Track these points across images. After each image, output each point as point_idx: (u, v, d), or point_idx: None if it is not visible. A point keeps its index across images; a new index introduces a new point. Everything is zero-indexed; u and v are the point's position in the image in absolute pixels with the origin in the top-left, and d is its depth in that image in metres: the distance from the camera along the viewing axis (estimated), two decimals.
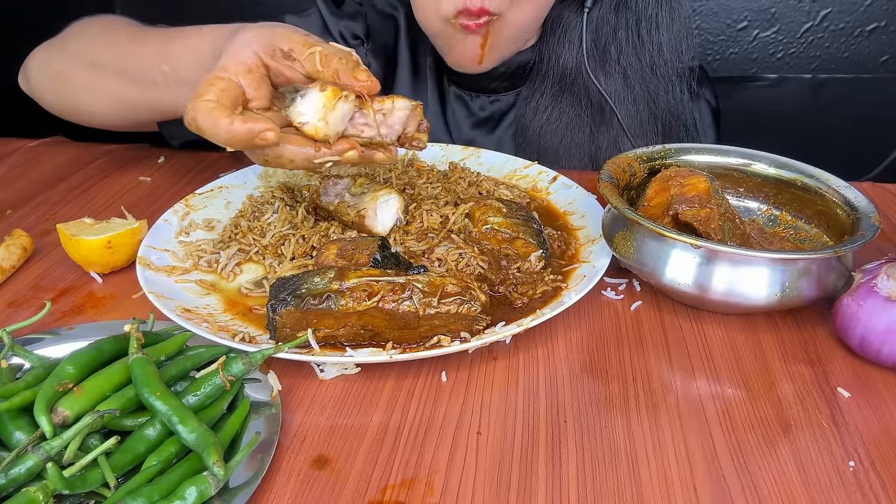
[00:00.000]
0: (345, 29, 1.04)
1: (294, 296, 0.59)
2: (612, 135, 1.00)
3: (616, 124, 0.99)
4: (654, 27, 0.97)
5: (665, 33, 0.97)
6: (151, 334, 0.58)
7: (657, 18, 0.96)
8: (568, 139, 1.01)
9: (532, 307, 0.66)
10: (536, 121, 1.01)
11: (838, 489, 0.50)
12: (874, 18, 1.40)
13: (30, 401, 0.49)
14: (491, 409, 0.57)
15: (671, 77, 1.00)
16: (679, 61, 0.99)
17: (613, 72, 0.98)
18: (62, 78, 0.86)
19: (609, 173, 0.74)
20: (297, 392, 0.58)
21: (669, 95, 1.00)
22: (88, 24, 0.90)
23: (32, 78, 0.90)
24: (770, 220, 0.79)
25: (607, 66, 0.98)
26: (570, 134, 1.01)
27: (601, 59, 0.98)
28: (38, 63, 0.90)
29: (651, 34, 0.97)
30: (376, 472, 0.51)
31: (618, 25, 0.96)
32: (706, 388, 0.59)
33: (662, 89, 0.99)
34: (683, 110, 1.02)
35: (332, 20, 1.03)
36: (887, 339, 0.59)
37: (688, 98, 1.01)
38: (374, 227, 0.74)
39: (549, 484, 0.50)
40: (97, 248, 0.72)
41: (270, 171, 0.92)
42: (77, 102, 0.87)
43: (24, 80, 0.92)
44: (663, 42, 0.97)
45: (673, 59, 0.99)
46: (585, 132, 1.01)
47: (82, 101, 0.87)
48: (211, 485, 0.45)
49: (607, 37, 0.97)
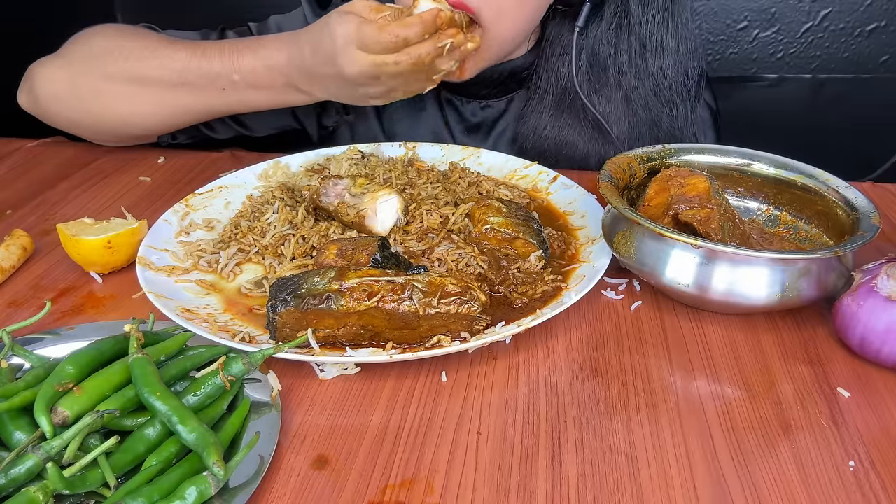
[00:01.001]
0: None
1: (294, 296, 0.59)
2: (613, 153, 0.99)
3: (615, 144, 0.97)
4: (660, 50, 0.94)
5: (670, 57, 0.95)
6: (151, 334, 0.58)
7: (662, 42, 0.94)
8: (567, 155, 1.00)
9: (532, 307, 0.66)
10: (535, 139, 1.00)
11: (838, 489, 0.50)
12: (874, 18, 1.40)
13: (30, 401, 0.49)
14: (491, 409, 0.57)
15: (675, 101, 0.97)
16: (684, 85, 0.97)
17: (613, 93, 0.96)
18: (98, 92, 0.89)
19: (609, 173, 0.74)
20: (297, 392, 0.58)
21: (673, 119, 0.98)
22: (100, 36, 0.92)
23: (42, 97, 0.91)
24: (770, 220, 0.79)
25: (606, 87, 0.96)
26: (569, 153, 1.00)
27: (598, 80, 0.96)
28: (53, 81, 0.91)
29: (656, 58, 0.95)
30: (376, 472, 0.51)
31: (619, 47, 0.94)
32: (706, 388, 0.59)
33: (666, 113, 0.97)
34: (687, 136, 1.00)
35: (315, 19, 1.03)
36: (887, 339, 0.59)
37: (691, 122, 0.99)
38: (374, 227, 0.74)
39: (549, 484, 0.50)
40: (97, 248, 0.72)
41: (270, 171, 0.93)
42: (114, 113, 0.92)
43: (28, 98, 0.93)
44: (668, 66, 0.95)
45: (678, 82, 0.96)
46: (584, 151, 1.00)
47: (121, 112, 0.91)
48: (211, 485, 0.45)
49: (605, 58, 0.95)
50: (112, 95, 0.89)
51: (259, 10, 1.29)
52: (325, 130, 1.09)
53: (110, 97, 0.89)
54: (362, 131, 1.07)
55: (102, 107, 0.91)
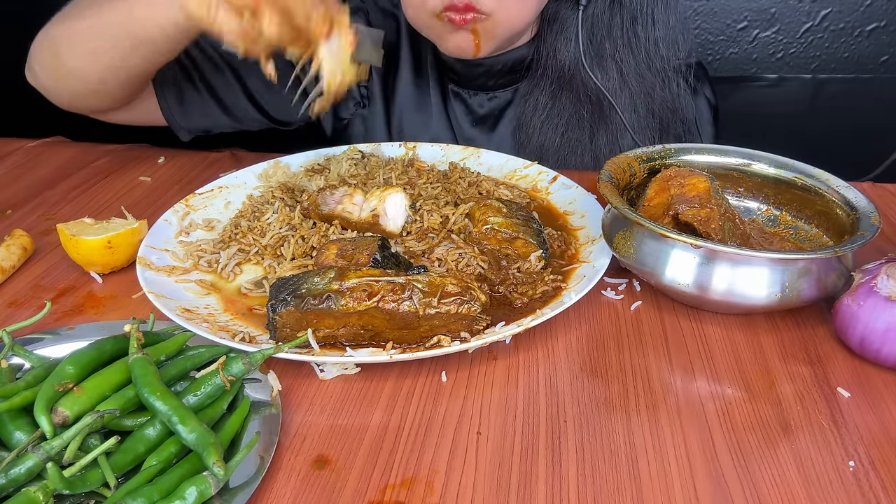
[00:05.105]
0: None
1: (294, 296, 0.59)
2: (612, 130, 1.01)
3: (615, 120, 0.99)
4: (651, 23, 0.97)
5: (661, 29, 0.98)
6: (151, 334, 0.58)
7: (653, 15, 0.97)
8: (568, 135, 1.01)
9: (532, 307, 0.66)
10: (536, 118, 1.01)
11: (838, 489, 0.50)
12: (874, 18, 1.40)
13: (30, 401, 0.49)
14: (491, 409, 0.57)
15: (667, 72, 1.00)
16: (676, 57, 1.00)
17: (610, 68, 0.98)
18: (53, 45, 0.85)
19: (609, 173, 0.74)
20: (297, 392, 0.58)
21: (666, 91, 1.01)
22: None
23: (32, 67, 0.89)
24: (770, 220, 0.79)
25: (604, 62, 0.98)
26: (570, 130, 1.01)
27: (597, 55, 0.98)
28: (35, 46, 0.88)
29: (647, 30, 0.98)
30: (376, 472, 0.51)
31: (612, 22, 0.97)
32: (706, 388, 0.59)
33: (658, 84, 1.00)
34: (681, 105, 1.02)
35: None
36: (887, 339, 0.59)
37: (685, 93, 1.02)
38: (388, 226, 0.75)
39: (549, 484, 0.50)
40: (97, 248, 0.72)
41: (270, 171, 0.93)
42: (63, 64, 0.85)
43: (29, 72, 0.91)
44: (659, 38, 0.98)
45: (669, 54, 0.99)
46: (585, 128, 1.01)
47: (65, 59, 0.85)
48: (211, 485, 0.45)
49: (602, 33, 0.97)
50: (61, 50, 0.85)
51: None
52: (340, 122, 1.10)
53: (61, 52, 0.85)
54: (372, 125, 1.08)
55: (59, 64, 0.86)
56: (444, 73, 1.06)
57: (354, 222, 0.76)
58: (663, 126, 1.02)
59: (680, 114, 1.02)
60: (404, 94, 1.07)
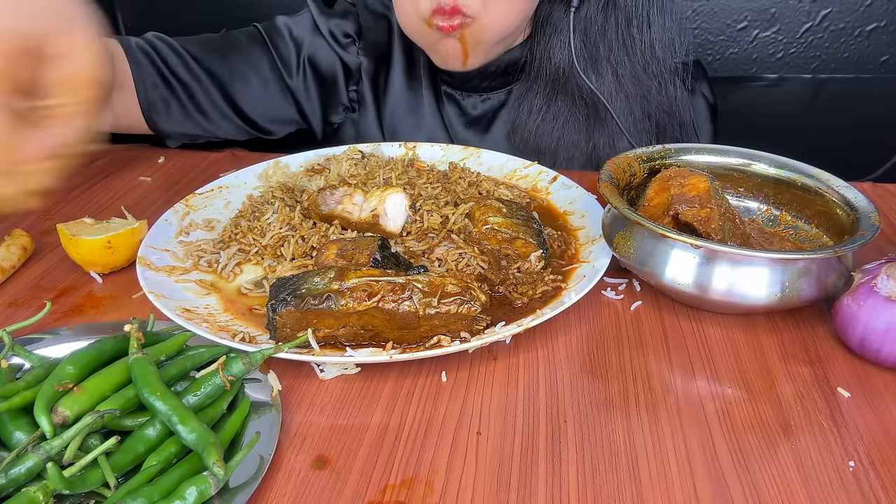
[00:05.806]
0: (335, 27, 1.04)
1: (294, 296, 0.59)
2: (608, 133, 1.00)
3: (611, 123, 0.98)
4: (646, 25, 0.96)
5: (657, 31, 0.97)
6: (151, 334, 0.58)
7: (648, 17, 0.96)
8: (563, 139, 1.01)
9: (532, 307, 0.66)
10: (531, 121, 1.01)
11: (838, 489, 0.50)
12: (874, 18, 1.40)
13: (30, 401, 0.49)
14: (491, 409, 0.57)
15: (664, 75, 0.99)
16: (672, 58, 0.99)
17: (605, 70, 0.98)
18: None
19: (609, 173, 0.74)
20: (297, 392, 0.58)
21: (662, 94, 1.00)
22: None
23: None
24: (770, 220, 0.79)
25: (599, 64, 0.97)
26: (566, 134, 1.01)
27: (592, 57, 0.97)
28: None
29: (643, 32, 0.97)
30: (376, 472, 0.51)
31: (606, 25, 0.96)
32: (706, 388, 0.59)
33: (655, 87, 0.99)
34: (678, 108, 1.02)
35: (323, 19, 1.04)
36: (887, 339, 0.59)
37: (682, 95, 1.01)
38: (388, 226, 0.75)
39: (549, 484, 0.50)
40: (97, 248, 0.72)
41: (270, 171, 0.93)
42: None
43: None
44: (655, 40, 0.97)
45: (665, 56, 0.99)
46: (581, 132, 1.01)
47: None
48: (211, 485, 0.45)
49: (596, 35, 0.97)
50: None
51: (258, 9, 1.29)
52: (330, 127, 1.09)
53: None
54: (364, 129, 1.08)
55: None
56: (436, 74, 1.06)
57: (354, 222, 0.76)
58: (660, 129, 1.02)
59: (677, 117, 1.02)
60: (396, 96, 1.06)
